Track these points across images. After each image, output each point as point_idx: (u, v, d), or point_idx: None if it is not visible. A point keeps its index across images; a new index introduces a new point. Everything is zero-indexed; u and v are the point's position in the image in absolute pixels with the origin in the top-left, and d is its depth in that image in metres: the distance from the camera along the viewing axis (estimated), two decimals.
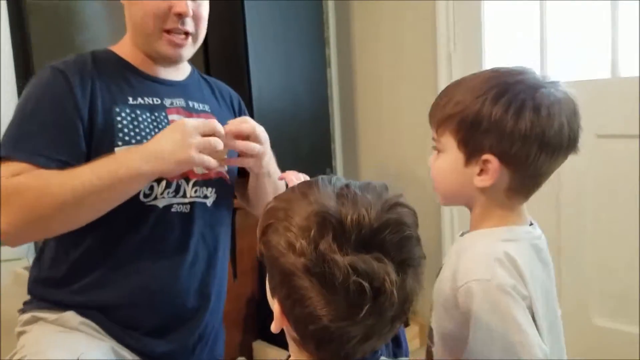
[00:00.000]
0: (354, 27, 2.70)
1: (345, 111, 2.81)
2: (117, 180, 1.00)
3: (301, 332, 0.66)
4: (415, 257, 0.66)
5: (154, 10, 1.11)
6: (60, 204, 0.99)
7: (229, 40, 2.17)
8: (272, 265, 0.67)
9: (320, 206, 0.64)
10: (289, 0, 2.34)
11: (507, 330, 0.78)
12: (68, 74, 1.10)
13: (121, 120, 1.11)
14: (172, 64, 1.21)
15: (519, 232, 0.89)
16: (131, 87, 1.16)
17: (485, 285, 0.79)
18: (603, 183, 2.02)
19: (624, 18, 1.91)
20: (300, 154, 2.38)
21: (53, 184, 0.99)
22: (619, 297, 2.02)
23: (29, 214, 0.99)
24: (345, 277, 0.60)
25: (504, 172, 0.85)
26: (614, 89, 1.96)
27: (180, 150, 1.00)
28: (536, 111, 0.81)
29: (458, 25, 2.33)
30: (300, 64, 2.41)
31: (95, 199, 1.01)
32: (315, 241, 0.62)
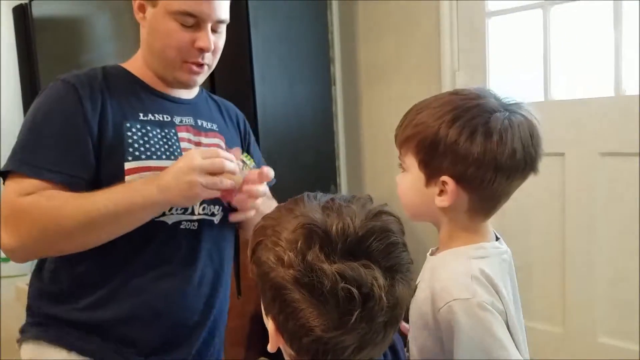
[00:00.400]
0: (358, 45, 2.72)
1: (350, 129, 2.82)
2: (132, 207, 1.00)
3: (296, 346, 0.66)
4: (403, 263, 0.67)
5: (177, 44, 1.11)
6: (73, 227, 0.99)
7: (234, 57, 2.19)
8: (263, 282, 0.67)
9: (306, 218, 0.65)
10: (295, 18, 2.37)
11: (490, 347, 0.80)
12: (78, 87, 1.09)
13: (132, 136, 1.10)
14: (185, 88, 1.22)
15: (488, 249, 0.90)
16: (142, 103, 1.15)
17: (466, 304, 0.80)
18: (607, 201, 2.02)
19: (627, 36, 1.92)
20: (305, 171, 2.39)
21: (67, 207, 0.99)
22: (624, 314, 2.01)
23: (39, 235, 0.99)
24: (333, 285, 0.60)
25: (461, 193, 0.86)
26: (617, 107, 1.97)
27: (186, 187, 1.00)
28: (487, 137, 0.83)
29: (462, 44, 2.35)
30: (305, 81, 2.43)
31: (108, 225, 1.01)
32: (303, 252, 0.63)
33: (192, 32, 1.10)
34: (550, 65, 2.12)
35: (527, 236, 2.19)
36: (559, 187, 2.12)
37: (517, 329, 0.86)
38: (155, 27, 1.12)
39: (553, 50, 2.10)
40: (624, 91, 1.96)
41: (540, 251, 2.18)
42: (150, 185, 1.02)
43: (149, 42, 1.15)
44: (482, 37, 2.29)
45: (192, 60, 1.13)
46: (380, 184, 2.71)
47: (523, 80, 2.26)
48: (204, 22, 1.10)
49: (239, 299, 2.26)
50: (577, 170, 2.07)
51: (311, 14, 2.46)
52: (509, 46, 2.31)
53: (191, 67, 1.14)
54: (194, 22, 1.10)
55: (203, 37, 1.11)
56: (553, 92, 2.13)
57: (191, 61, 1.13)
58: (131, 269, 1.09)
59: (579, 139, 2.05)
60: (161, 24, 1.10)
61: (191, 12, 1.08)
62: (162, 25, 1.10)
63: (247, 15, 2.11)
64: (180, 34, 1.10)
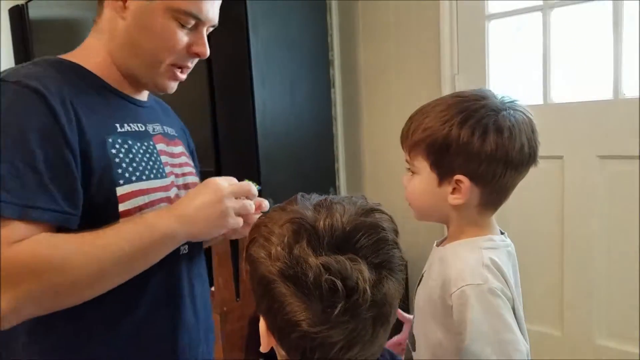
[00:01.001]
0: (358, 48, 2.73)
1: (349, 131, 2.82)
2: (150, 245, 0.87)
3: (286, 344, 0.67)
4: (394, 261, 0.66)
5: (174, 46, 0.97)
6: (84, 279, 0.83)
7: (233, 61, 2.20)
8: (253, 278, 0.68)
9: (295, 214, 0.66)
10: (294, 20, 2.37)
11: (499, 330, 0.85)
12: (47, 96, 0.86)
13: (117, 154, 0.93)
14: (159, 92, 1.08)
15: (497, 241, 0.95)
16: (113, 110, 0.98)
17: (478, 289, 0.86)
18: (605, 204, 2.02)
19: (626, 40, 1.93)
20: (304, 174, 2.39)
21: (76, 257, 0.82)
22: (622, 317, 2.01)
23: (43, 293, 0.80)
24: (316, 277, 0.61)
25: (474, 189, 0.92)
26: (616, 110, 1.97)
27: (218, 216, 0.92)
28: (499, 134, 0.89)
29: (462, 46, 2.35)
30: (305, 84, 2.43)
31: (123, 268, 0.87)
32: (290, 246, 0.63)
33: (188, 36, 0.99)
34: (550, 68, 2.12)
35: (526, 239, 2.19)
36: (558, 190, 2.12)
37: (522, 318, 0.92)
38: (146, 23, 0.96)
39: (552, 53, 2.11)
40: (623, 94, 1.96)
41: (539, 254, 2.19)
42: (166, 218, 0.90)
43: (135, 39, 0.97)
44: (482, 40, 2.29)
45: (182, 64, 1.02)
46: (380, 187, 2.71)
47: (522, 83, 2.26)
48: (203, 25, 1.00)
49: (237, 302, 2.27)
50: (575, 173, 2.07)
51: (310, 17, 2.47)
52: (508, 49, 2.31)
53: (176, 73, 1.02)
54: (192, 25, 0.98)
55: (201, 42, 1.00)
56: (552, 95, 2.13)
57: (180, 65, 1.01)
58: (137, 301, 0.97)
59: (578, 142, 2.06)
60: (157, 22, 0.95)
61: (196, 14, 0.97)
62: (157, 24, 0.95)
63: (246, 17, 2.11)
64: (180, 36, 0.97)
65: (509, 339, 0.85)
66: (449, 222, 0.99)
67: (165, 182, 1.01)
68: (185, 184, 1.09)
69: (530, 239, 2.20)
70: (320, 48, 2.54)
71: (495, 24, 2.28)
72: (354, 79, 2.76)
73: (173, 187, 1.04)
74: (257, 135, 2.16)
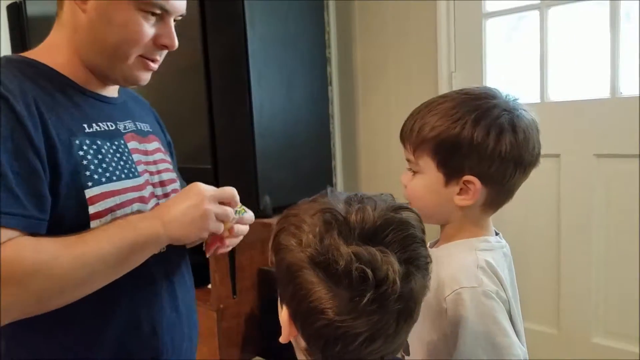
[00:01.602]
0: (355, 45, 2.72)
1: (346, 129, 2.82)
2: (135, 247, 0.88)
3: (308, 334, 0.67)
4: (421, 257, 0.67)
5: (140, 39, 0.93)
6: (71, 282, 0.82)
7: (230, 59, 2.19)
8: (281, 267, 0.68)
9: (327, 205, 0.67)
10: (291, 18, 2.37)
11: (493, 333, 0.84)
12: (10, 99, 0.83)
13: (84, 155, 0.90)
14: (132, 86, 1.05)
15: (492, 242, 0.93)
16: (80, 110, 0.94)
17: (473, 291, 0.84)
18: (602, 202, 2.02)
19: (623, 38, 1.93)
20: (301, 172, 2.39)
21: (61, 260, 0.80)
22: (619, 315, 2.01)
23: (27, 298, 0.79)
24: (347, 264, 0.61)
25: (482, 190, 0.89)
26: (613, 108, 1.98)
27: (199, 218, 0.92)
28: (515, 134, 0.87)
29: (459, 45, 2.35)
30: (302, 81, 2.43)
31: (108, 271, 0.87)
32: (321, 234, 0.64)
33: (154, 27, 0.95)
34: (547, 67, 2.12)
35: (523, 237, 2.19)
36: (555, 189, 2.12)
37: (518, 320, 0.91)
38: (109, 16, 0.91)
39: (549, 51, 2.11)
40: (620, 93, 1.97)
41: (536, 252, 2.19)
42: (150, 220, 0.91)
43: (98, 32, 0.93)
44: (479, 38, 2.29)
45: (150, 57, 0.98)
46: (376, 185, 2.71)
47: (519, 82, 2.27)
48: (169, 16, 0.96)
49: (234, 299, 2.27)
50: (572, 172, 2.08)
51: (308, 14, 2.46)
52: (505, 47, 2.31)
53: (147, 63, 0.98)
54: (157, 16, 0.94)
55: (169, 34, 0.96)
56: (549, 94, 2.13)
57: (148, 58, 0.97)
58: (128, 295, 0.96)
59: (575, 140, 2.06)
60: (119, 15, 0.91)
61: (162, 4, 0.93)
62: (122, 16, 0.91)
63: (243, 14, 2.11)
64: (144, 28, 0.93)
65: (503, 343, 0.83)
66: (447, 223, 0.96)
67: (137, 182, 0.99)
68: (162, 181, 1.07)
69: (527, 238, 2.20)
70: (318, 46, 2.54)
71: (493, 22, 2.28)
72: (351, 76, 2.76)
73: (147, 185, 1.02)
74: (254, 132, 2.16)
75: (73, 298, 0.85)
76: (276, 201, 2.25)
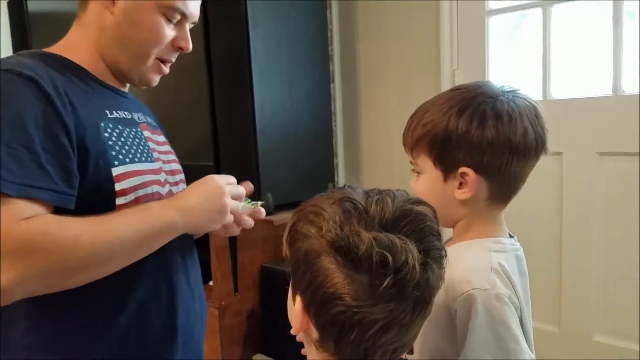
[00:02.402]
0: (358, 43, 2.72)
1: (349, 127, 2.82)
2: (154, 232, 0.92)
3: (322, 322, 0.66)
4: (437, 249, 0.68)
5: (161, 40, 1.03)
6: (91, 259, 0.85)
7: (232, 57, 2.19)
8: (297, 255, 0.68)
9: (347, 194, 0.69)
10: (294, 16, 2.36)
11: (504, 338, 0.81)
12: (41, 82, 0.89)
13: (109, 137, 0.97)
14: (143, 86, 1.12)
15: (506, 244, 0.92)
16: (102, 98, 1.02)
17: (485, 294, 0.82)
18: (604, 200, 2.02)
19: (626, 35, 1.93)
20: (303, 170, 2.39)
21: (84, 237, 0.84)
22: (620, 314, 2.01)
23: (51, 269, 0.81)
24: (368, 249, 0.62)
25: (481, 181, 0.88)
26: (615, 106, 1.97)
27: (217, 211, 0.99)
28: (498, 118, 0.85)
29: (462, 42, 2.35)
30: (304, 79, 2.43)
31: (128, 252, 0.90)
32: (341, 221, 0.65)
33: (173, 31, 1.05)
34: (549, 64, 2.12)
35: (524, 235, 2.17)
36: (557, 186, 2.12)
37: (529, 326, 0.89)
38: (136, 18, 1.01)
39: (552, 49, 2.11)
40: (622, 91, 1.96)
41: (537, 250, 2.19)
42: (169, 209, 0.95)
43: (123, 32, 1.02)
44: (482, 36, 2.28)
45: (167, 58, 1.08)
46: (378, 183, 2.69)
47: (522, 79, 2.26)
48: (187, 21, 1.07)
49: (236, 297, 2.27)
50: (574, 170, 2.08)
51: (310, 12, 2.46)
52: (508, 45, 2.31)
53: (162, 67, 1.08)
54: (178, 20, 1.05)
55: (185, 37, 1.07)
56: (552, 91, 2.13)
57: (164, 59, 1.08)
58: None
59: (577, 138, 2.06)
60: (148, 17, 1.01)
61: (183, 10, 1.03)
62: (148, 18, 1.01)
63: (245, 13, 2.11)
64: (166, 30, 1.03)
65: (512, 349, 0.81)
66: (457, 223, 0.94)
67: (155, 166, 1.05)
68: (172, 171, 1.12)
69: (528, 235, 2.20)
70: (320, 43, 2.53)
71: (495, 20, 2.28)
72: (354, 74, 2.75)
73: (162, 172, 1.07)
74: (256, 130, 2.16)
75: (95, 275, 0.88)
76: (278, 199, 2.25)
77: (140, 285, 0.99)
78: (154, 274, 1.01)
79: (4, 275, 0.77)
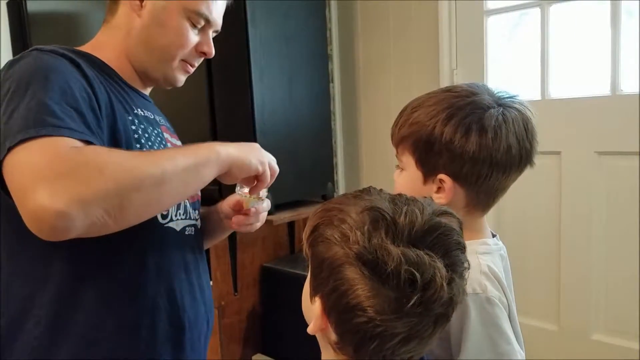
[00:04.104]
0: (357, 43, 2.73)
1: (348, 126, 2.83)
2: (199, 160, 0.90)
3: (342, 329, 0.66)
4: (461, 264, 0.68)
5: (186, 43, 1.07)
6: (145, 177, 0.82)
7: (232, 55, 2.20)
8: (320, 259, 0.67)
9: (374, 203, 0.67)
10: (293, 16, 2.37)
11: (496, 340, 0.82)
12: (82, 65, 0.94)
13: (136, 130, 1.01)
14: (168, 87, 1.16)
15: (491, 245, 0.92)
16: (128, 96, 1.06)
17: (477, 298, 0.82)
18: (603, 200, 2.03)
19: (624, 35, 1.93)
20: (303, 169, 2.39)
21: (134, 158, 0.85)
22: (618, 313, 2.02)
23: (107, 191, 0.78)
24: (397, 266, 0.61)
25: (458, 190, 0.88)
26: (613, 106, 1.98)
27: (256, 149, 1.00)
28: (482, 134, 0.84)
29: (461, 42, 2.35)
30: (303, 79, 2.43)
31: (179, 178, 0.87)
32: (369, 233, 0.64)
33: (197, 36, 1.09)
34: (548, 64, 2.12)
35: (523, 234, 2.20)
36: (556, 186, 2.13)
37: (516, 323, 0.89)
38: (164, 21, 1.05)
39: (550, 49, 2.11)
40: (620, 90, 1.97)
41: (536, 249, 2.20)
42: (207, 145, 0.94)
43: (150, 34, 1.06)
44: (481, 36, 2.29)
45: (191, 62, 1.11)
46: (377, 182, 2.70)
47: (520, 79, 2.27)
48: (210, 27, 1.10)
49: (235, 296, 2.27)
50: (573, 169, 2.08)
51: (309, 12, 2.46)
52: (507, 45, 2.32)
53: (187, 67, 1.12)
54: (202, 26, 1.08)
55: (208, 43, 1.10)
56: (550, 91, 2.13)
57: (188, 62, 1.11)
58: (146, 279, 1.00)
59: (576, 137, 2.06)
60: (173, 20, 1.05)
61: (207, 16, 1.07)
62: (174, 21, 1.05)
63: (244, 12, 2.11)
64: (191, 34, 1.07)
65: (505, 351, 0.83)
66: None
67: None
68: None
69: (527, 235, 2.21)
70: (319, 43, 2.54)
71: (494, 20, 2.28)
72: (353, 73, 2.76)
73: None
74: (255, 129, 2.16)
75: (151, 198, 0.85)
76: (277, 198, 2.25)
77: (149, 285, 0.99)
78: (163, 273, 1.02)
79: (63, 197, 0.74)
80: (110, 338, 0.95)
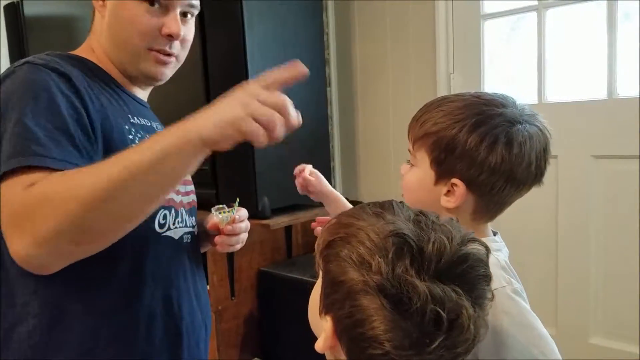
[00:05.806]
0: (354, 46, 2.73)
1: (345, 130, 2.83)
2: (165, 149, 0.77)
3: (354, 356, 0.62)
4: (486, 298, 0.64)
5: (143, 29, 0.99)
6: (102, 191, 0.75)
7: (228, 58, 2.19)
8: (335, 280, 0.63)
9: (398, 227, 0.62)
10: (290, 19, 2.37)
11: (531, 322, 0.84)
12: (73, 79, 0.91)
13: (133, 140, 0.96)
14: (152, 84, 1.10)
15: (499, 242, 0.93)
16: (124, 103, 1.02)
17: (504, 291, 0.83)
18: (600, 203, 2.03)
19: (620, 39, 1.94)
20: None
21: (87, 176, 0.77)
22: (616, 316, 2.02)
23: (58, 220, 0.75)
24: (423, 304, 0.57)
25: (469, 196, 0.88)
26: (610, 109, 1.98)
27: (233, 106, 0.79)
28: (508, 148, 0.85)
29: (457, 46, 2.36)
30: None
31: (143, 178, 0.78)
32: (393, 262, 0.59)
33: (159, 18, 0.99)
34: (544, 68, 2.13)
35: (521, 238, 2.20)
36: (553, 190, 2.13)
37: None
38: (118, 13, 1.00)
39: (547, 53, 2.12)
40: (617, 94, 1.97)
41: (534, 253, 2.19)
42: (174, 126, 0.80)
43: (112, 31, 1.01)
44: (477, 40, 2.29)
45: (160, 48, 1.01)
46: (375, 186, 2.71)
47: (517, 83, 2.27)
48: (172, 5, 1.00)
49: (232, 301, 2.26)
50: (570, 173, 2.08)
51: (306, 15, 2.47)
52: (503, 49, 2.32)
53: (158, 57, 1.02)
54: (160, 6, 0.99)
55: (171, 23, 1.00)
56: (547, 95, 2.14)
57: (157, 49, 1.01)
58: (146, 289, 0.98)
59: (573, 141, 2.06)
60: (125, 9, 0.99)
61: None
62: (125, 11, 0.99)
63: (241, 15, 2.11)
64: (146, 18, 0.98)
65: (544, 332, 0.85)
66: None
67: None
68: (183, 181, 1.09)
69: (524, 238, 2.20)
70: (316, 47, 2.54)
71: (491, 24, 2.29)
72: (350, 78, 2.76)
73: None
74: None
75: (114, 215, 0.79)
76: (275, 202, 2.25)
77: (146, 291, 0.98)
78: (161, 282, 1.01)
79: (26, 241, 0.76)
80: (107, 347, 0.94)
